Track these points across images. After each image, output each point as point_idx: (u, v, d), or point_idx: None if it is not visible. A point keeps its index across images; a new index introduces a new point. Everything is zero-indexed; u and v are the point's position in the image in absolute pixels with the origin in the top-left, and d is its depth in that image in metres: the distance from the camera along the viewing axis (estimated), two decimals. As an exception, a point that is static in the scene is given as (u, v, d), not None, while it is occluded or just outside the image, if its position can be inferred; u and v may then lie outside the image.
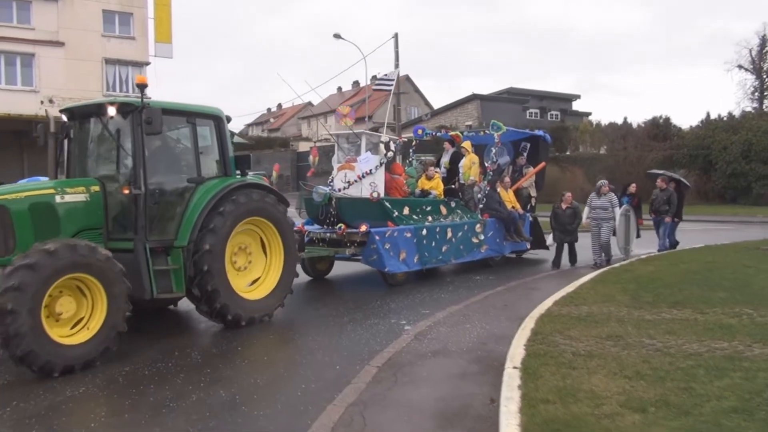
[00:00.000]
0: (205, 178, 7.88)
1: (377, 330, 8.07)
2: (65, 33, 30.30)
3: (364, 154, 11.71)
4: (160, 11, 32.06)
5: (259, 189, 8.32)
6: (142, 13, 32.26)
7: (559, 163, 40.71)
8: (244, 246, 8.27)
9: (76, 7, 30.56)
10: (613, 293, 8.99)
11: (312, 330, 8.15)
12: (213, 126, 8.18)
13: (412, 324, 8.33)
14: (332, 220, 11.26)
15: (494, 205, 13.13)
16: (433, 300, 10.18)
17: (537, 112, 62.18)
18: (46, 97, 29.70)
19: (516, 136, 15.09)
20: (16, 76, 29.77)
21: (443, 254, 11.89)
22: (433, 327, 7.88)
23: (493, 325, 7.88)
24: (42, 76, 29.78)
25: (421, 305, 9.74)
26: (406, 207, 11.63)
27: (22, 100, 29.03)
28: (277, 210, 8.42)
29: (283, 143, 55.82)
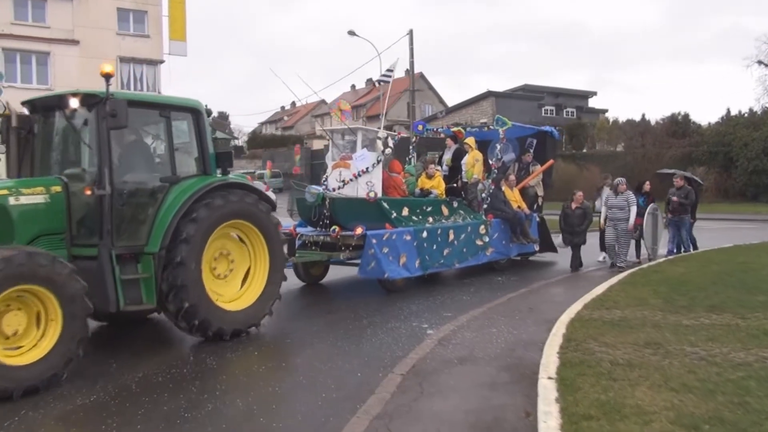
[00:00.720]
0: (180, 177, 7.18)
1: (398, 334, 7.76)
2: (80, 31, 30.30)
3: (360, 151, 10.87)
4: (175, 9, 31.99)
5: (239, 188, 7.57)
6: (156, 11, 32.20)
7: (576, 161, 40.24)
8: (225, 251, 7.54)
9: (90, 6, 30.57)
10: (644, 296, 8.61)
11: (330, 334, 7.85)
12: (191, 120, 7.47)
13: (434, 328, 8.01)
14: (326, 222, 10.46)
15: (499, 205, 12.45)
16: (454, 302, 9.85)
17: (552, 109, 61.53)
18: (61, 95, 29.68)
19: (522, 132, 14.34)
20: (31, 74, 29.84)
21: (446, 258, 11.11)
22: (456, 331, 7.56)
23: (520, 329, 7.53)
24: (57, 75, 29.79)
25: (442, 308, 9.41)
26: (406, 207, 10.88)
27: (37, 98, 28.97)
28: (258, 210, 7.64)
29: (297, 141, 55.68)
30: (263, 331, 7.99)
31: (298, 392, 5.71)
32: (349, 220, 10.28)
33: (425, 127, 14.30)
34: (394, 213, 10.50)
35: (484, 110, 53.87)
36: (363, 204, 10.38)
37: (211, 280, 7.31)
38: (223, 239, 7.53)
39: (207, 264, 7.21)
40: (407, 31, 32.48)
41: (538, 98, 58.75)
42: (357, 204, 10.46)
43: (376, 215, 10.33)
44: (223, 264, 7.55)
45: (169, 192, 7.02)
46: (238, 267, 7.71)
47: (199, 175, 7.44)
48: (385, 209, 10.41)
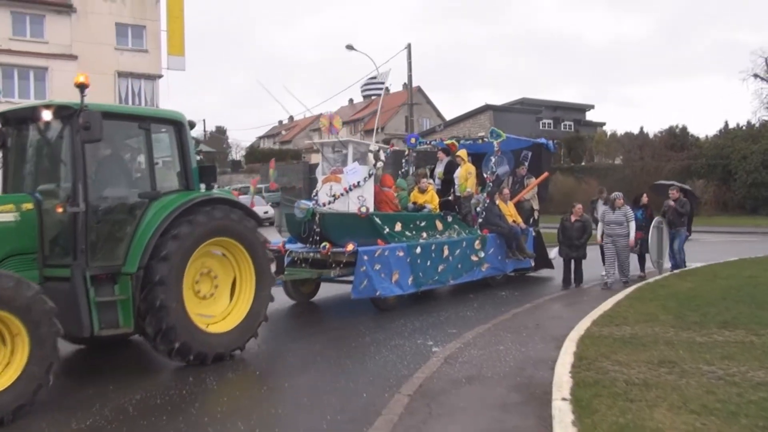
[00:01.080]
0: (160, 192, 6.82)
1: (403, 352, 7.57)
2: (78, 46, 30.24)
3: (351, 165, 10.49)
4: (173, 24, 31.98)
5: (223, 204, 7.14)
6: (155, 26, 32.18)
7: (575, 174, 40.19)
8: (207, 270, 7.13)
9: (89, 21, 30.54)
10: (654, 312, 8.44)
11: (333, 352, 7.65)
12: (173, 133, 7.11)
13: (440, 345, 7.82)
14: (316, 238, 10.05)
15: (494, 219, 12.07)
16: (458, 318, 9.66)
17: (550, 123, 61.64)
18: (59, 110, 29.58)
19: (517, 144, 13.95)
20: (29, 89, 29.72)
21: (440, 274, 10.76)
22: (463, 349, 7.36)
23: (529, 347, 7.34)
24: (54, 90, 29.63)
25: (446, 324, 9.23)
26: (398, 222, 10.49)
27: (35, 113, 28.84)
28: (243, 227, 7.21)
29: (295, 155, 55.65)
30: (264, 351, 7.79)
31: (302, 414, 5.51)
32: (340, 236, 9.92)
33: (418, 140, 13.89)
34: (387, 228, 10.14)
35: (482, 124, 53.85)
36: (354, 219, 10.01)
37: (193, 300, 6.91)
38: (207, 257, 7.15)
39: (189, 283, 6.83)
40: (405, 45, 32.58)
41: (536, 112, 58.87)
42: (348, 219, 10.10)
43: (367, 231, 9.97)
44: (206, 283, 7.16)
45: (148, 208, 6.67)
46: (223, 287, 7.32)
47: (181, 190, 7.08)
48: (378, 224, 10.06)
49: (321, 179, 10.94)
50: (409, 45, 31.79)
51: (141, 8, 31.91)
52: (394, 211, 10.97)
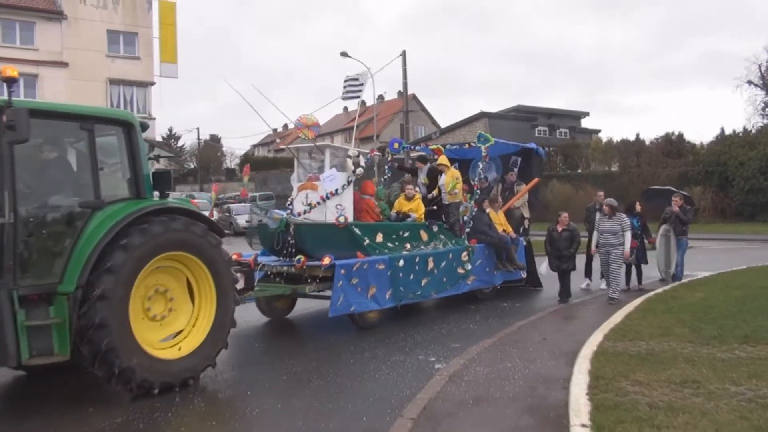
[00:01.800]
0: (105, 201, 6.08)
1: (404, 369, 7.14)
2: (69, 53, 29.86)
3: (329, 171, 9.70)
4: (166, 31, 31.66)
5: (183, 215, 6.40)
6: (147, 33, 31.84)
7: (571, 181, 39.93)
8: (162, 289, 6.38)
9: (80, 27, 30.17)
10: (668, 325, 8.03)
11: (330, 370, 7.21)
12: (122, 135, 6.36)
13: (443, 361, 7.40)
14: (290, 250, 9.29)
15: (483, 229, 11.36)
16: (461, 331, 9.25)
17: (546, 130, 61.40)
18: (49, 118, 29.15)
19: (505, 149, 13.24)
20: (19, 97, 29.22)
21: (423, 288, 10.03)
22: (468, 366, 6.94)
23: (537, 363, 6.92)
24: (45, 97, 29.20)
25: (449, 338, 8.82)
26: (380, 233, 9.71)
27: (25, 121, 28.40)
28: (206, 242, 6.50)
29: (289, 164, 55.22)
30: (256, 368, 7.35)
31: (298, 441, 5.08)
32: (316, 248, 9.22)
33: (401, 144, 12.97)
34: (367, 239, 9.42)
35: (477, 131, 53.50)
36: (332, 230, 9.30)
37: (143, 320, 6.18)
38: (163, 274, 6.40)
39: (138, 301, 6.11)
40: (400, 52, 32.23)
41: (531, 119, 58.62)
42: (325, 230, 9.39)
43: (346, 242, 9.27)
44: (159, 303, 6.39)
45: (90, 219, 5.94)
46: (179, 308, 6.56)
47: (131, 198, 6.36)
48: (357, 235, 9.34)
49: (296, 187, 10.15)
50: (404, 52, 31.50)
51: (133, 15, 31.57)
52: (376, 221, 10.24)
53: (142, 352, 5.94)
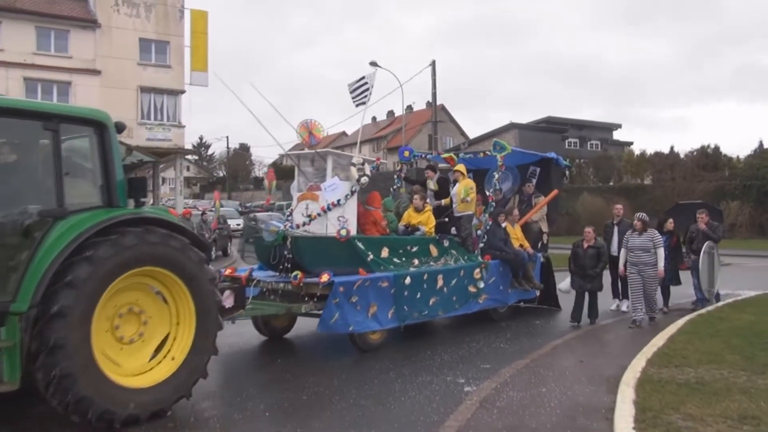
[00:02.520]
0: (69, 209, 5.38)
1: (432, 391, 6.72)
2: (102, 61, 30.09)
3: (331, 180, 8.94)
4: (197, 40, 31.73)
5: (161, 226, 5.73)
6: (178, 42, 31.94)
7: (603, 194, 39.16)
8: (136, 308, 5.68)
9: (113, 36, 30.40)
10: (717, 350, 7.48)
11: (352, 390, 6.82)
12: (93, 136, 5.68)
13: (473, 384, 6.96)
14: (287, 265, 8.58)
15: (498, 244, 10.54)
16: (491, 351, 8.80)
17: (576, 142, 60.59)
18: (81, 125, 29.43)
19: (523, 158, 12.45)
20: (51, 103, 29.59)
21: (430, 307, 9.26)
22: (500, 390, 6.49)
23: (576, 390, 6.45)
24: (78, 104, 29.51)
25: (478, 357, 8.37)
26: (385, 248, 8.99)
27: (57, 128, 28.73)
28: (185, 257, 5.79)
29: (317, 173, 55.19)
30: (279, 384, 7.00)
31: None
32: (315, 263, 8.51)
33: (412, 153, 12.09)
34: (371, 254, 8.68)
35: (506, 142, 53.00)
36: (332, 244, 8.53)
37: (110, 343, 5.48)
38: (136, 292, 5.73)
39: (105, 321, 5.42)
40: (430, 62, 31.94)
41: (561, 131, 57.90)
42: (325, 244, 8.63)
43: (348, 257, 8.53)
44: (131, 324, 5.67)
45: (51, 229, 5.27)
46: (154, 330, 5.84)
47: (102, 207, 5.65)
48: (360, 250, 8.59)
49: (296, 197, 9.38)
50: (434, 62, 31.22)
51: (165, 24, 31.74)
52: (383, 234, 9.48)
53: (105, 379, 5.21)
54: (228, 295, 6.88)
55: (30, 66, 28.55)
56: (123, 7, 30.71)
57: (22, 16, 28.77)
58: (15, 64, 27.99)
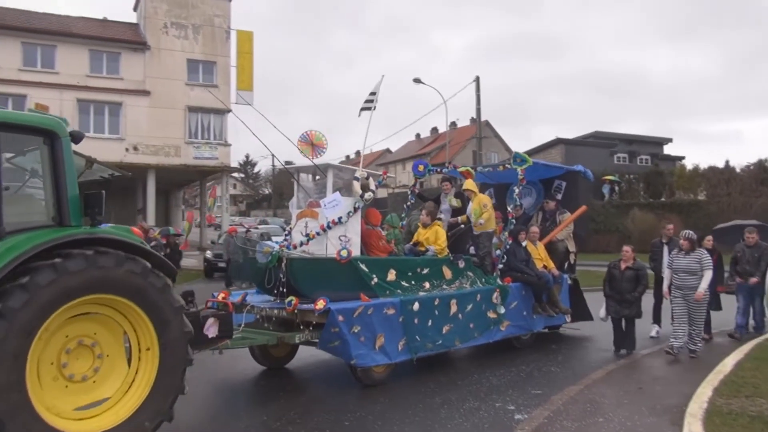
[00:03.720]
0: (6, 230, 4.71)
1: (480, 419, 6.37)
2: (151, 82, 30.84)
3: (331, 196, 8.08)
4: (243, 59, 32.23)
5: (117, 248, 5.01)
6: (225, 62, 32.52)
7: (654, 211, 37.94)
8: (89, 342, 4.93)
9: (162, 57, 31.16)
10: (791, 379, 6.91)
11: (396, 414, 6.52)
12: (43, 147, 5.03)
13: (523, 412, 6.58)
14: (282, 290, 7.72)
15: (518, 265, 9.69)
16: (542, 374, 8.38)
17: (626, 157, 59.08)
18: (131, 144, 30.15)
19: (547, 172, 11.57)
20: (104, 124, 30.41)
21: (444, 336, 8.40)
22: (553, 419, 6.09)
23: (636, 420, 5.99)
24: (128, 124, 30.27)
25: (529, 382, 7.96)
26: (392, 270, 8.17)
27: (109, 147, 29.48)
28: (146, 283, 5.05)
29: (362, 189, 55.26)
30: (318, 406, 6.74)
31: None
32: (312, 287, 7.61)
33: (427, 167, 11.18)
34: (376, 277, 7.90)
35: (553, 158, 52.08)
36: (332, 266, 7.69)
37: (54, 383, 4.73)
38: (93, 324, 4.99)
39: (47, 359, 4.68)
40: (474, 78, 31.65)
41: (610, 145, 56.57)
42: (323, 266, 7.80)
43: (349, 281, 7.73)
44: (83, 360, 4.91)
45: None
46: (111, 367, 5.08)
47: (50, 226, 4.97)
48: (363, 272, 7.79)
49: (295, 214, 8.64)
50: (478, 78, 30.87)
51: (212, 45, 32.38)
52: (390, 255, 8.72)
53: (42, 424, 4.48)
54: (211, 323, 6.19)
55: (83, 88, 29.45)
56: (172, 29, 31.50)
57: (77, 39, 29.80)
58: (69, 86, 28.92)
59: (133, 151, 30.27)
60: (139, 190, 33.79)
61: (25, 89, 27.55)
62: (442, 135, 59.61)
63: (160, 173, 31.02)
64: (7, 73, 27.89)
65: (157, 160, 30.55)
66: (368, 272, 7.85)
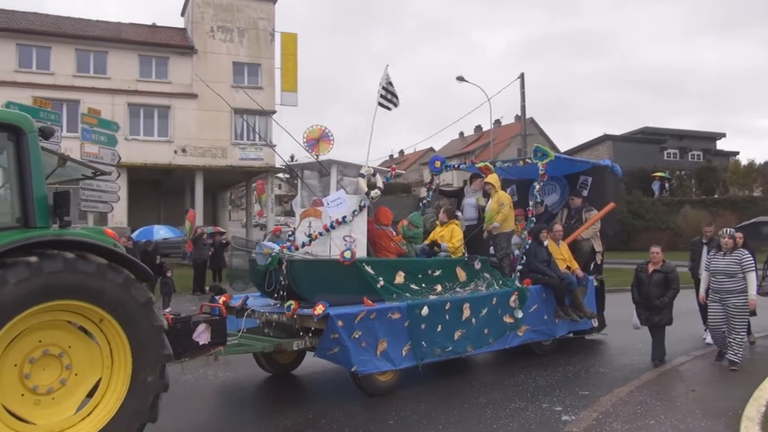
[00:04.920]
0: None
1: (526, 420, 6.29)
2: (198, 85, 31.44)
3: (335, 194, 7.66)
4: (287, 61, 32.63)
5: (87, 251, 4.66)
6: (269, 64, 32.97)
7: (708, 207, 36.83)
8: (57, 351, 4.60)
9: (209, 61, 31.77)
10: None
11: (442, 414, 6.48)
12: (7, 143, 4.69)
13: (571, 413, 6.47)
14: (282, 293, 7.30)
15: (539, 266, 9.09)
16: (590, 376, 8.23)
17: (676, 153, 57.42)
18: (180, 146, 30.84)
19: (571, 167, 10.91)
20: (153, 127, 31.20)
21: (455, 342, 7.85)
22: (602, 422, 5.95)
23: (690, 424, 5.81)
24: (176, 127, 30.97)
25: (576, 382, 7.83)
26: (401, 272, 7.73)
27: (158, 150, 30.32)
28: (118, 289, 4.66)
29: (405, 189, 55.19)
30: (361, 406, 6.76)
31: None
32: (314, 291, 7.20)
33: (443, 163, 10.60)
34: (382, 280, 7.43)
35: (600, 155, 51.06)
36: (335, 268, 7.25)
37: (15, 395, 4.41)
38: (58, 331, 4.65)
39: (7, 371, 4.38)
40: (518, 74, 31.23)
41: (659, 141, 55.09)
42: (326, 268, 7.39)
43: (353, 284, 7.30)
44: (50, 371, 4.57)
45: None
46: (82, 377, 4.72)
47: (13, 227, 4.62)
48: (368, 275, 7.34)
49: (299, 213, 8.18)
50: (522, 74, 30.45)
51: (257, 47, 32.86)
52: (398, 255, 8.25)
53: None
54: (203, 329, 5.86)
55: (133, 92, 30.27)
56: (218, 33, 32.09)
57: (127, 45, 30.61)
58: (120, 91, 29.75)
59: (181, 153, 30.95)
60: (188, 191, 34.52)
61: (79, 95, 28.48)
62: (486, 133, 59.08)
63: (207, 174, 31.64)
64: (62, 79, 28.89)
65: (205, 161, 31.18)
66: (374, 275, 7.41)
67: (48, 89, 27.45)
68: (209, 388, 7.85)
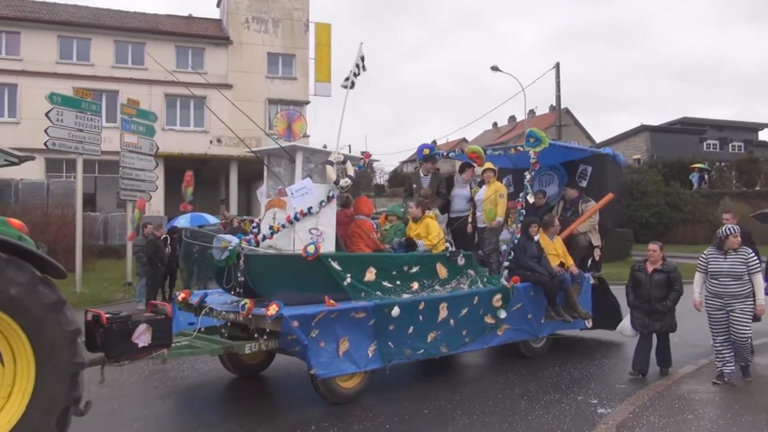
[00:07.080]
0: None
1: (561, 411, 6.27)
2: (233, 76, 31.80)
3: (300, 183, 6.90)
4: (321, 52, 32.73)
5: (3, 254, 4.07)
6: (304, 54, 33.12)
7: (748, 200, 35.88)
8: None
9: (243, 51, 32.06)
10: None
11: (476, 405, 6.49)
12: None
13: (606, 406, 6.42)
14: (240, 291, 6.70)
15: (528, 262, 8.37)
16: (626, 368, 8.11)
17: (716, 144, 56.09)
18: (215, 136, 31.23)
19: (568, 155, 10.07)
20: (189, 117, 31.67)
21: (428, 344, 7.16)
22: (638, 415, 5.91)
23: (729, 419, 5.73)
24: (212, 117, 31.35)
25: (612, 375, 7.78)
26: (372, 268, 7.01)
27: (194, 140, 30.75)
28: (21, 289, 4.05)
29: (437, 179, 55.07)
30: (396, 395, 6.80)
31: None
32: (274, 288, 6.59)
33: (433, 150, 9.98)
34: (349, 277, 6.75)
35: (637, 146, 50.28)
36: (297, 263, 6.52)
37: None
38: None
39: None
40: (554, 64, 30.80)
41: (699, 132, 53.83)
42: (287, 263, 6.70)
43: (318, 281, 6.61)
44: None
45: None
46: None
47: None
48: (334, 271, 6.64)
49: (264, 204, 7.53)
50: (558, 64, 30.04)
51: (291, 38, 33.03)
52: (375, 250, 7.60)
53: None
54: (143, 330, 5.37)
55: (170, 83, 30.71)
56: (253, 23, 32.33)
57: (164, 36, 31.09)
58: (157, 82, 30.21)
59: (216, 143, 31.35)
60: (222, 181, 34.98)
61: (117, 85, 29.05)
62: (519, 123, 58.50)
63: (242, 164, 32.01)
64: (102, 70, 29.49)
65: (239, 151, 31.54)
66: (341, 271, 6.70)
67: (88, 80, 28.04)
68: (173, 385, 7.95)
